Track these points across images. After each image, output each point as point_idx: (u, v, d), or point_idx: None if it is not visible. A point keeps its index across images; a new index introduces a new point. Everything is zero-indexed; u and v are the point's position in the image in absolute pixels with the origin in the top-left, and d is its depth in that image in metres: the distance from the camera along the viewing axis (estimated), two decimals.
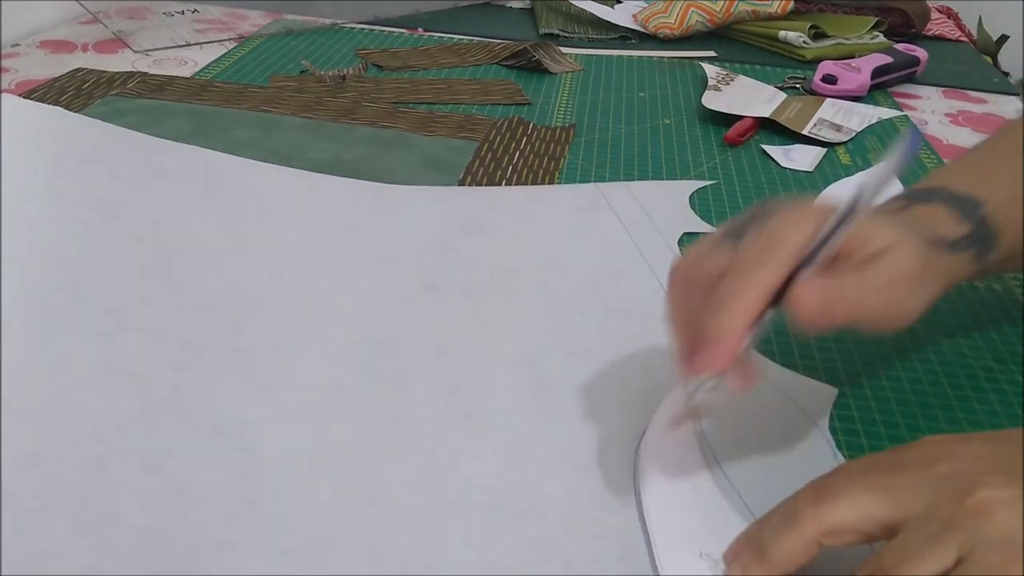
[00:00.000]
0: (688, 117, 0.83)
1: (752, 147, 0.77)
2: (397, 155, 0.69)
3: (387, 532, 0.36)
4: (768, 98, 0.86)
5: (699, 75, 0.93)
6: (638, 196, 0.64)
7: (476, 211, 0.61)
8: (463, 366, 0.46)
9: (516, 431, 0.42)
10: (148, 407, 0.41)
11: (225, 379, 0.43)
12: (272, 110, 0.76)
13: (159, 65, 0.87)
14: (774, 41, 1.05)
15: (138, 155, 0.65)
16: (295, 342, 0.46)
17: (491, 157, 0.70)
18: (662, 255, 0.57)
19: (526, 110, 0.81)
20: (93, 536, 0.34)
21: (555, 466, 0.40)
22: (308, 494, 0.37)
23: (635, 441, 0.41)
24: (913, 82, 0.99)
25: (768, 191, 0.69)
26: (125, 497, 0.36)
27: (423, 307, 0.50)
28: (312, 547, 0.35)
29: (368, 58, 0.92)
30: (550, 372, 0.46)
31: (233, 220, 0.57)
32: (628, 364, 0.47)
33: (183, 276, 0.51)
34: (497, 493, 0.38)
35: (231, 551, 0.34)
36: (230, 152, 0.66)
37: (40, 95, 0.75)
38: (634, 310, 0.51)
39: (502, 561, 0.35)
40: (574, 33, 1.07)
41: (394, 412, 0.42)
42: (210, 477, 0.38)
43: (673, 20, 1.05)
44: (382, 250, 0.55)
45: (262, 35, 0.97)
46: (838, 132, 0.80)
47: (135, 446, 0.39)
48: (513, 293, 0.52)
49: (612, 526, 0.37)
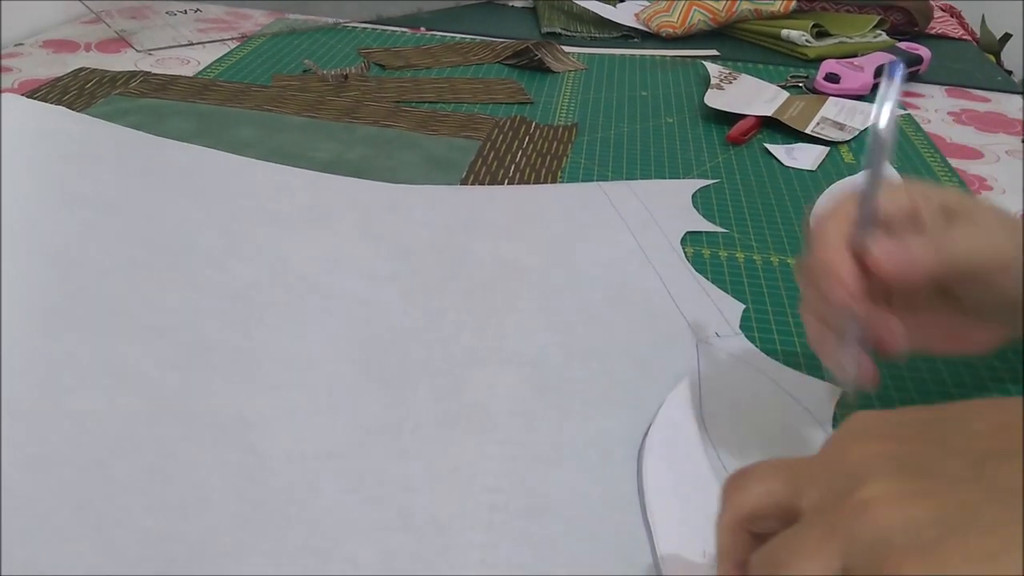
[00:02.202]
0: (690, 116, 0.83)
1: (755, 146, 0.77)
2: (399, 154, 0.69)
3: (391, 532, 0.36)
4: (771, 97, 0.86)
5: (701, 74, 0.93)
6: (640, 195, 0.64)
7: (478, 210, 0.61)
8: (466, 366, 0.46)
9: (519, 430, 0.42)
10: (152, 408, 0.41)
11: (229, 379, 0.43)
12: (274, 109, 0.76)
13: (162, 64, 0.87)
14: (777, 40, 1.05)
15: (141, 155, 0.65)
16: (299, 342, 0.46)
17: (493, 156, 0.70)
18: (664, 254, 0.57)
19: (528, 109, 0.81)
20: (97, 537, 0.34)
21: (558, 466, 0.40)
22: (312, 494, 0.37)
23: (638, 441, 0.41)
24: (916, 81, 0.99)
25: (771, 190, 0.68)
26: (129, 498, 0.36)
27: (425, 306, 0.50)
28: (316, 547, 0.35)
29: (370, 57, 0.92)
30: (553, 371, 0.46)
31: (236, 220, 0.57)
32: (631, 363, 0.47)
33: (186, 276, 0.51)
34: (500, 493, 0.38)
35: (235, 552, 0.34)
36: (233, 151, 0.66)
37: (43, 95, 0.75)
38: (637, 309, 0.51)
39: (505, 561, 0.35)
40: (576, 32, 1.07)
41: (398, 412, 0.42)
42: (214, 478, 0.38)
43: (675, 19, 1.05)
44: (385, 250, 0.55)
45: (264, 34, 0.97)
46: (841, 131, 0.80)
47: (139, 447, 0.39)
48: (516, 292, 0.52)
49: (615, 526, 0.37)
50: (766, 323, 0.51)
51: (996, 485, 0.25)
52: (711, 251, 0.59)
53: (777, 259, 0.58)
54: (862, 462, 0.27)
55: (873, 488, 0.26)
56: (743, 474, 0.30)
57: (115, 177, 0.61)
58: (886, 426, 0.29)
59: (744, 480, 0.30)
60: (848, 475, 0.27)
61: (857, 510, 0.25)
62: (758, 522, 0.29)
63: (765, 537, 0.28)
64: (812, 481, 0.28)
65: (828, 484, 0.27)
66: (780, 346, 0.49)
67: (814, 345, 0.40)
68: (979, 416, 0.28)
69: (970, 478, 0.25)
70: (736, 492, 0.29)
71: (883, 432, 0.28)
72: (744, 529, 0.29)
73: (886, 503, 0.25)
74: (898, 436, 0.28)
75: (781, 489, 0.28)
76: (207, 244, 0.54)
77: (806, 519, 0.27)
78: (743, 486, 0.29)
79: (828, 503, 0.26)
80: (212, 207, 0.58)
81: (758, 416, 0.43)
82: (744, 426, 0.43)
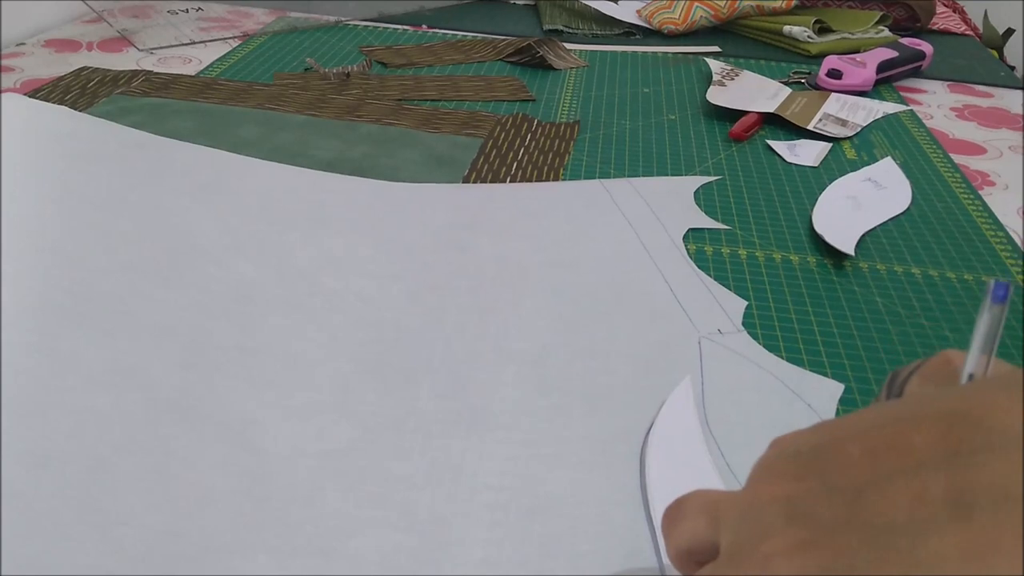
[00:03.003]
0: (693, 113, 0.83)
1: (757, 142, 0.77)
2: (401, 152, 0.69)
3: (394, 531, 0.36)
4: (773, 93, 0.86)
5: (703, 71, 0.93)
6: (643, 192, 0.64)
7: (481, 208, 0.61)
8: (469, 364, 0.46)
9: (522, 429, 0.42)
10: (155, 407, 0.41)
11: (232, 378, 0.43)
12: (276, 108, 0.76)
13: (164, 63, 0.87)
14: (779, 36, 1.05)
15: (143, 154, 0.65)
16: (301, 341, 0.46)
17: (496, 154, 0.70)
18: (667, 251, 0.57)
19: (531, 106, 0.81)
20: (100, 536, 0.34)
21: (561, 464, 0.40)
22: (315, 493, 0.37)
23: (641, 438, 0.41)
24: (919, 76, 0.98)
25: (773, 186, 0.68)
26: (132, 497, 0.36)
27: (428, 305, 0.50)
28: (319, 546, 0.35)
29: (372, 55, 0.92)
30: (556, 369, 0.46)
31: (238, 219, 0.57)
32: (634, 361, 0.47)
33: (188, 275, 0.51)
34: (503, 491, 0.38)
35: (238, 551, 0.34)
36: (235, 150, 0.66)
37: (45, 94, 0.75)
38: (639, 306, 0.51)
39: (508, 559, 0.35)
40: (578, 29, 1.07)
41: (400, 411, 0.42)
42: (217, 476, 0.38)
43: (677, 16, 1.05)
44: (387, 248, 0.55)
45: (266, 33, 0.97)
46: (843, 127, 0.80)
47: (142, 446, 0.39)
48: (518, 290, 0.52)
49: (618, 524, 0.37)
50: (769, 320, 0.51)
51: (870, 525, 0.23)
52: (713, 248, 0.59)
53: (780, 255, 0.58)
54: (765, 507, 0.26)
55: (772, 542, 0.25)
56: (677, 507, 0.30)
57: (117, 176, 0.61)
58: (786, 460, 0.27)
59: (676, 515, 0.30)
60: (754, 522, 0.26)
61: (759, 565, 0.24)
62: (694, 555, 0.29)
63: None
64: (727, 525, 0.27)
65: (739, 530, 0.26)
66: (783, 343, 0.49)
67: None
68: (852, 438, 0.25)
69: (846, 519, 0.24)
70: (670, 527, 0.30)
71: (783, 469, 0.26)
72: (685, 560, 0.29)
73: (782, 556, 0.24)
74: (794, 472, 0.26)
75: (704, 529, 0.28)
76: (209, 243, 0.54)
77: (721, 563, 0.26)
78: (675, 522, 0.29)
79: (737, 551, 0.26)
80: (214, 206, 0.58)
81: (761, 413, 0.43)
82: (747, 423, 0.43)
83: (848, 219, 0.63)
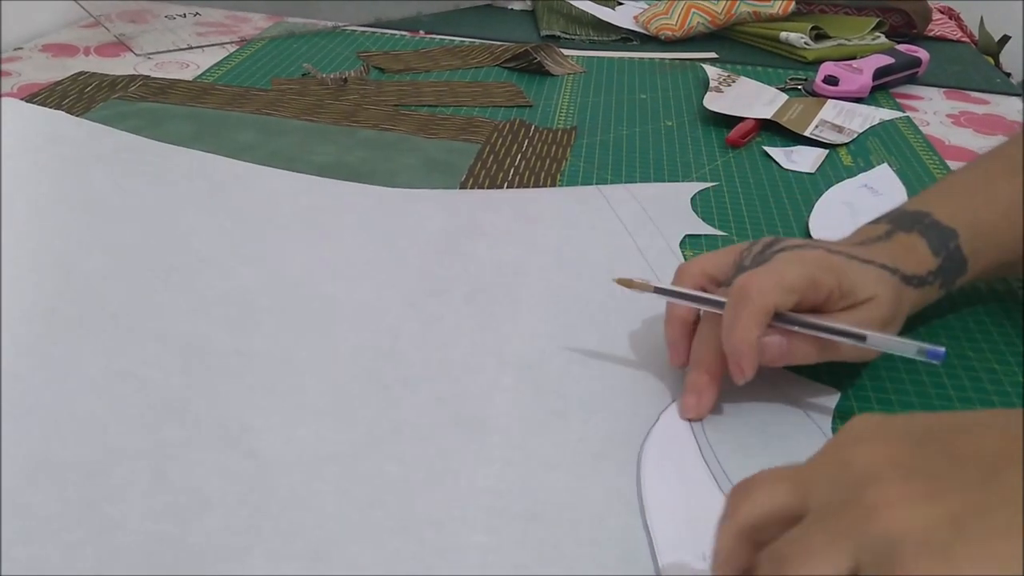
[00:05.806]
0: (689, 119, 0.83)
1: (754, 149, 0.77)
2: (399, 158, 0.69)
3: (391, 535, 0.36)
4: (769, 99, 0.86)
5: (700, 77, 0.93)
6: (640, 198, 0.64)
7: (478, 214, 0.61)
8: (466, 369, 0.46)
9: (519, 433, 0.42)
10: (153, 412, 0.41)
11: (230, 384, 0.43)
12: (274, 113, 0.76)
13: (161, 68, 0.87)
14: (775, 42, 1.05)
15: (140, 159, 0.65)
16: (299, 346, 0.46)
17: (493, 159, 0.70)
18: (664, 257, 0.57)
19: (527, 112, 0.82)
20: (98, 541, 0.34)
21: (557, 469, 0.40)
22: (313, 498, 0.37)
23: (638, 444, 0.41)
24: (915, 83, 0.99)
25: (770, 192, 0.69)
26: (130, 502, 0.36)
27: (425, 310, 0.50)
28: (317, 551, 0.35)
29: (369, 61, 0.92)
30: (553, 374, 0.46)
31: (236, 224, 0.57)
32: (630, 366, 0.47)
33: (186, 280, 0.51)
34: (500, 496, 0.38)
35: (236, 555, 0.34)
36: (232, 155, 0.67)
37: (42, 99, 0.75)
38: (636, 312, 0.51)
39: (505, 564, 0.35)
40: (575, 35, 1.07)
41: (398, 415, 0.42)
42: (215, 481, 0.38)
43: (674, 21, 1.05)
44: (384, 253, 0.56)
45: (264, 38, 0.97)
46: (840, 133, 0.80)
47: (140, 450, 0.39)
48: (515, 296, 0.52)
49: (615, 528, 0.37)
50: None
51: (1009, 490, 0.24)
52: None
53: None
54: (869, 465, 0.27)
55: (882, 490, 0.26)
56: (748, 483, 0.30)
57: (114, 181, 0.61)
58: (890, 430, 0.28)
59: (749, 489, 0.30)
60: (855, 477, 0.27)
61: (867, 511, 0.25)
62: (763, 531, 0.29)
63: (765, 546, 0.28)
64: (816, 485, 0.28)
65: (834, 487, 0.27)
66: None
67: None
68: (986, 427, 0.28)
69: (981, 483, 0.25)
70: (742, 501, 0.29)
71: (887, 435, 0.28)
72: (748, 538, 0.29)
73: (897, 505, 0.25)
74: (903, 440, 0.28)
75: (786, 496, 0.28)
76: (207, 248, 0.54)
77: (814, 518, 0.27)
78: (749, 495, 0.29)
79: (835, 506, 0.26)
80: (211, 211, 0.58)
81: (757, 419, 0.43)
82: (743, 430, 0.43)
83: (844, 225, 0.63)
